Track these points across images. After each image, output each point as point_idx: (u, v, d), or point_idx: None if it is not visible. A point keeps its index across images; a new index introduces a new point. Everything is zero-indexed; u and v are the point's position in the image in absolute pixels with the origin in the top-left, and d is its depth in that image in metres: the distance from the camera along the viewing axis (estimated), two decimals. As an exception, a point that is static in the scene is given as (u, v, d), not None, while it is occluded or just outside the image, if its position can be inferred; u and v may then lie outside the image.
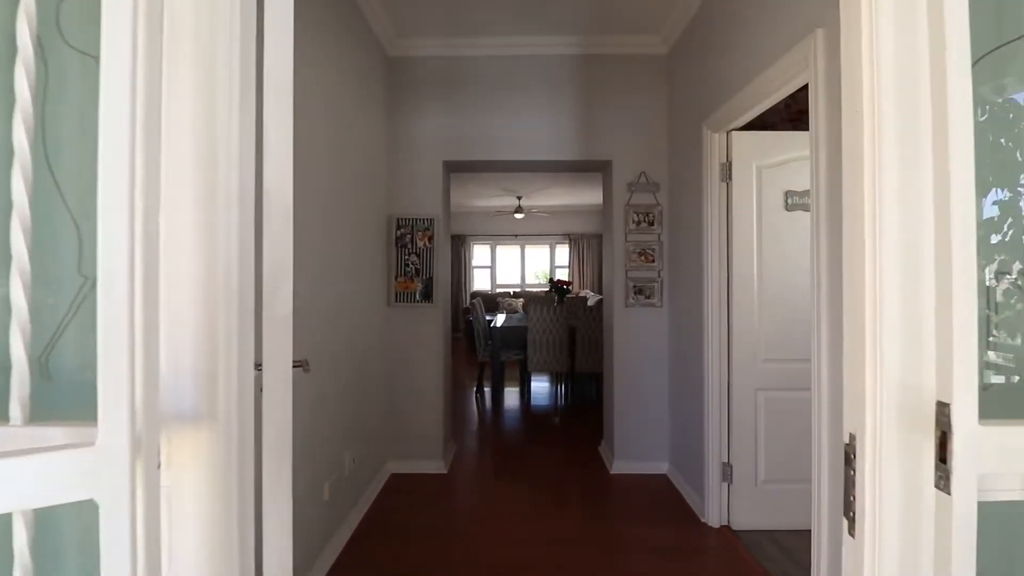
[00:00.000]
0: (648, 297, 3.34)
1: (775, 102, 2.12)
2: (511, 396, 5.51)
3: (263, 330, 0.73)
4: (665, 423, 3.33)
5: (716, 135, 2.61)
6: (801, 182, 2.54)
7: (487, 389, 5.60)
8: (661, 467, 3.32)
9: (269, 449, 0.74)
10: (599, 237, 10.41)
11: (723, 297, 2.60)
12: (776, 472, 2.54)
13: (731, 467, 2.58)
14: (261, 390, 0.73)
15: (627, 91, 3.34)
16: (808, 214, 2.57)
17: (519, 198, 8.80)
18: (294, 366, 1.53)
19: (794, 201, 2.55)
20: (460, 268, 10.44)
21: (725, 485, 2.60)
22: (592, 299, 8.25)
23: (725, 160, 2.59)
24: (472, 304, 6.00)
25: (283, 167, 0.74)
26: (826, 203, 1.59)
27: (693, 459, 2.88)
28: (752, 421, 2.56)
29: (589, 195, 8.77)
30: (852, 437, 0.65)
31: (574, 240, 10.45)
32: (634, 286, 3.34)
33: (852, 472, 0.65)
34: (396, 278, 3.29)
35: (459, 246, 10.43)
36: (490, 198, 8.83)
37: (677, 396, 3.19)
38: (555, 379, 6.16)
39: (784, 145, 2.56)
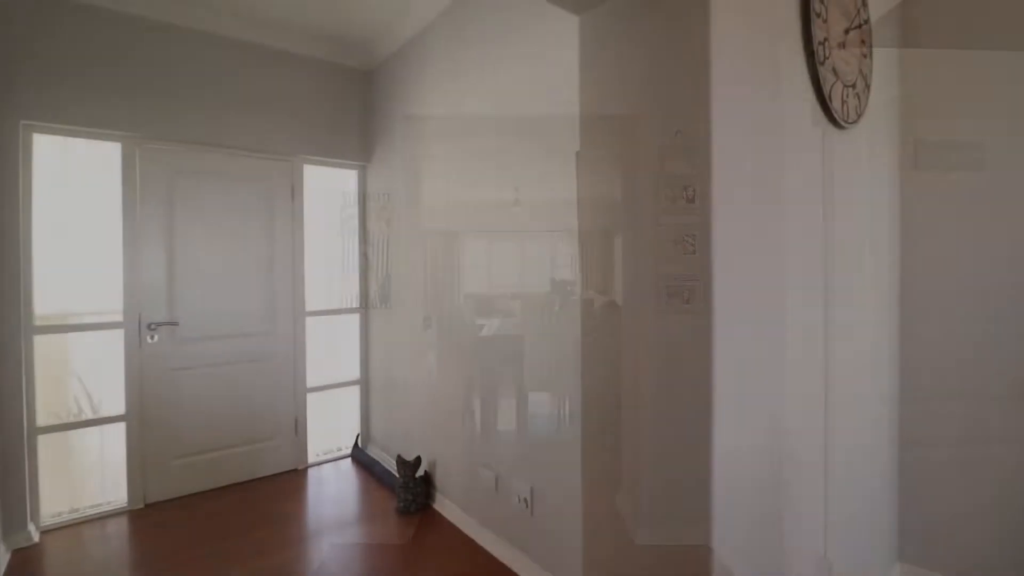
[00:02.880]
0: (686, 301, 2.44)
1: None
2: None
3: None
4: (708, 473, 2.42)
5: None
6: (939, 125, 1.65)
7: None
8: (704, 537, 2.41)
9: None
10: (605, 233, 9.52)
11: (817, 304, 1.71)
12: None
13: (831, 563, 1.68)
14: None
15: (653, 17, 2.44)
16: (963, 177, 1.68)
17: (516, 189, 7.92)
18: None
19: (930, 155, 1.65)
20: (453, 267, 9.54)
21: (821, 591, 1.71)
22: (598, 301, 7.36)
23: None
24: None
25: None
26: None
27: (758, 535, 1.98)
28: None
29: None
30: None
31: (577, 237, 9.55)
32: (667, 286, 2.44)
33: None
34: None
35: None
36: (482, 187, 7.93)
37: (727, 437, 2.28)
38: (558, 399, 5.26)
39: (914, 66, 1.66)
